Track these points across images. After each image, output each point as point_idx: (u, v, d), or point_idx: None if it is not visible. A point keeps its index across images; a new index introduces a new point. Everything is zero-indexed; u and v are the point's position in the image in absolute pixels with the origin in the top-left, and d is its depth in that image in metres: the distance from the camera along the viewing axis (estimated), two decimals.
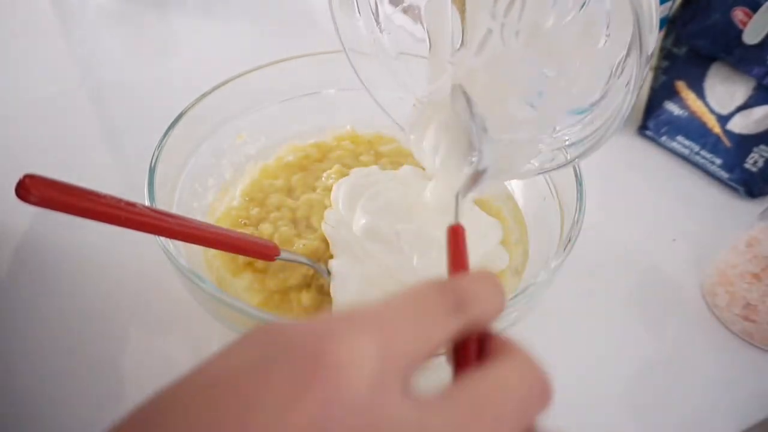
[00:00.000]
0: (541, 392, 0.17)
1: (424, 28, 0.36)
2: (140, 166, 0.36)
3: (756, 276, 0.38)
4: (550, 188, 0.40)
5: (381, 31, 0.38)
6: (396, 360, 0.15)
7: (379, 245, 0.37)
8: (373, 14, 0.38)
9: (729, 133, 0.50)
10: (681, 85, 0.53)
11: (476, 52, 0.34)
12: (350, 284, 0.36)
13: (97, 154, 0.54)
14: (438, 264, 0.37)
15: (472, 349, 0.19)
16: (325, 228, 0.39)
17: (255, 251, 0.34)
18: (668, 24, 0.53)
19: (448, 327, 0.17)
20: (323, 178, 0.44)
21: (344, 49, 0.39)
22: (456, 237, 0.23)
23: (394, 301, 0.17)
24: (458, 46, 0.35)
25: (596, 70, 0.31)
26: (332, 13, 0.37)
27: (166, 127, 0.38)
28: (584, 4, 0.30)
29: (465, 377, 0.17)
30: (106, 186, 0.26)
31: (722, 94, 0.50)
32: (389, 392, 0.15)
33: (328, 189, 0.42)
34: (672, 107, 0.55)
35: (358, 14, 0.38)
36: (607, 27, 0.30)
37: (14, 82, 0.63)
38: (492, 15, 0.32)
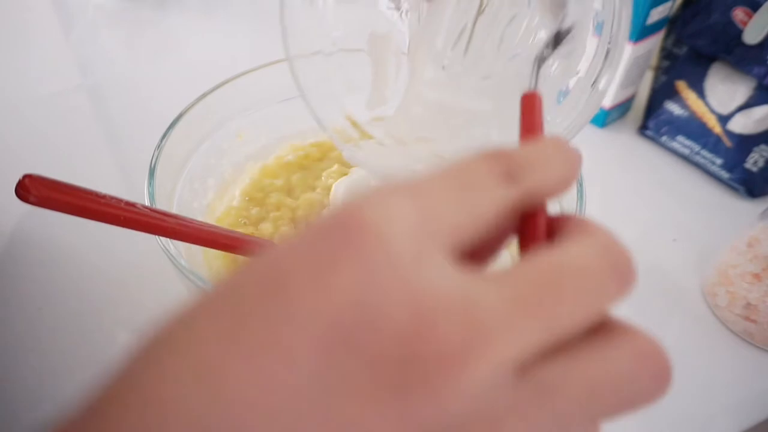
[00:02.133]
0: (617, 273, 0.15)
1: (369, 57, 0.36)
2: (140, 166, 0.36)
3: (756, 276, 0.38)
4: None
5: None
6: (438, 224, 0.13)
7: None
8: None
9: (729, 133, 0.50)
10: (681, 85, 0.53)
11: (425, 91, 0.33)
12: None
13: (97, 154, 0.54)
14: None
15: (538, 226, 0.16)
16: None
17: (255, 251, 0.34)
18: (668, 24, 0.53)
19: (497, 196, 0.15)
20: (323, 178, 0.44)
21: (289, 56, 0.36)
22: (530, 104, 0.20)
23: (432, 171, 0.15)
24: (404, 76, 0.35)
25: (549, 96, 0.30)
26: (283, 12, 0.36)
27: (166, 127, 0.38)
28: (534, 35, 0.29)
29: (530, 254, 0.14)
30: (106, 186, 0.26)
31: (723, 94, 0.50)
32: (432, 256, 0.13)
33: (328, 188, 0.42)
34: (672, 107, 0.55)
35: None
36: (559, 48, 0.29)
37: (14, 81, 0.63)
38: (434, 60, 0.32)
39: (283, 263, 0.13)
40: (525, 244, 0.16)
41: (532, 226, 0.16)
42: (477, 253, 0.16)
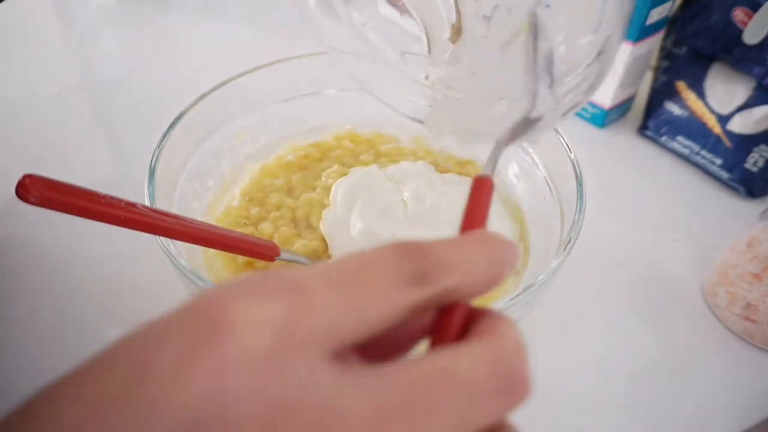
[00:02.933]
0: (504, 389, 0.14)
1: (412, 14, 0.35)
2: (140, 166, 0.36)
3: (756, 276, 0.38)
4: (550, 188, 0.40)
5: (368, 33, 0.37)
6: (312, 326, 0.13)
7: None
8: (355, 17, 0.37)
9: (729, 133, 0.50)
10: (681, 85, 0.53)
11: (475, 15, 0.33)
12: None
13: (97, 154, 0.54)
14: None
15: (450, 325, 0.16)
16: (324, 228, 0.39)
17: (255, 252, 0.34)
18: (668, 24, 0.53)
19: (398, 300, 0.14)
20: (323, 178, 0.44)
21: (327, 47, 0.37)
22: (479, 189, 0.19)
23: (335, 263, 0.14)
24: (454, 19, 0.34)
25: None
26: (308, 15, 0.36)
27: (166, 127, 0.38)
28: None
29: (418, 358, 0.14)
30: (106, 186, 0.26)
31: (722, 94, 0.50)
32: (296, 359, 0.13)
33: (328, 188, 0.42)
34: (672, 107, 0.54)
35: (338, 18, 0.36)
36: None
37: (14, 82, 0.63)
38: None
39: (149, 352, 0.13)
40: (433, 342, 0.16)
41: (443, 325, 0.16)
42: (391, 343, 0.16)
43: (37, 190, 0.23)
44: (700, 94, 0.52)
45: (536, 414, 0.36)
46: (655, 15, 0.51)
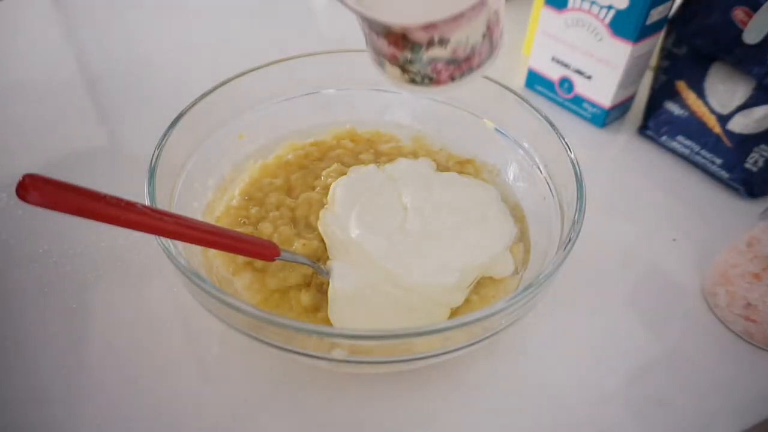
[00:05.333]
0: None
1: None
2: (140, 166, 0.36)
3: (756, 276, 0.38)
4: (550, 188, 0.40)
5: None
6: None
7: (374, 251, 0.37)
8: None
9: (729, 133, 0.50)
10: (681, 85, 0.53)
11: None
12: (348, 285, 0.36)
13: (97, 154, 0.54)
14: (436, 268, 0.37)
15: None
16: (321, 228, 0.39)
17: (254, 251, 0.34)
18: (668, 24, 0.53)
19: None
20: (323, 177, 0.44)
21: None
22: None
23: None
24: None
25: None
26: None
27: (166, 127, 0.38)
28: None
29: None
30: (106, 186, 0.26)
31: (722, 94, 0.50)
32: None
33: (328, 188, 0.42)
34: (672, 107, 0.55)
35: None
36: None
37: (14, 81, 0.63)
38: None
39: None
40: None
41: None
42: None
43: (37, 190, 0.23)
44: (700, 93, 0.52)
45: (536, 413, 0.36)
46: (655, 15, 0.51)
